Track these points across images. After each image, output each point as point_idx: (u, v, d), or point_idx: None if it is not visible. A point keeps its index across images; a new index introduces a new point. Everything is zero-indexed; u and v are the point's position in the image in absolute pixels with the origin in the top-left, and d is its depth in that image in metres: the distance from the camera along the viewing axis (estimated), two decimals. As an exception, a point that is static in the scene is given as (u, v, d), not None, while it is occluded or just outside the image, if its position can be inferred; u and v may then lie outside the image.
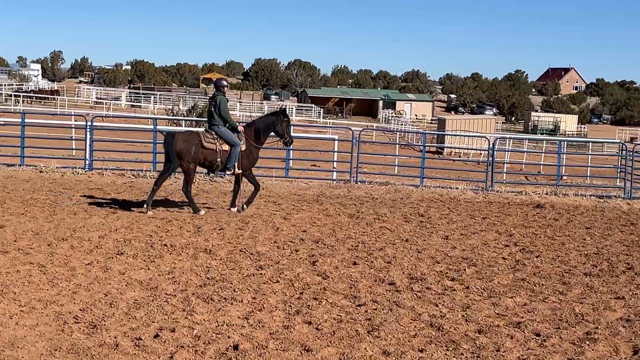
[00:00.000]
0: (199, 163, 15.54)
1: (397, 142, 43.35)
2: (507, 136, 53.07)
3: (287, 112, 16.43)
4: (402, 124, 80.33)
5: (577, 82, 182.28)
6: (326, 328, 7.94)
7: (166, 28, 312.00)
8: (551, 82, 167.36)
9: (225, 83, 16.27)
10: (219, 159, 15.44)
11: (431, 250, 12.76)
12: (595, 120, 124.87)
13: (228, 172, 15.87)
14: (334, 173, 24.62)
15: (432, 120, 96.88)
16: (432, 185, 23.27)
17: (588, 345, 7.73)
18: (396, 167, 28.79)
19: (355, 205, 18.15)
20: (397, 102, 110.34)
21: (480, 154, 41.05)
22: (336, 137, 28.12)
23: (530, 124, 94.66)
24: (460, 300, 9.40)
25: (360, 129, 31.13)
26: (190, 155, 15.23)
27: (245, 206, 15.98)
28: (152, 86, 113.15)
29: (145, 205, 15.28)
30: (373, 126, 67.85)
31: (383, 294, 9.55)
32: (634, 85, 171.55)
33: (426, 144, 31.24)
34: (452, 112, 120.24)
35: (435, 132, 54.53)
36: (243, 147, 15.68)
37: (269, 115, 16.41)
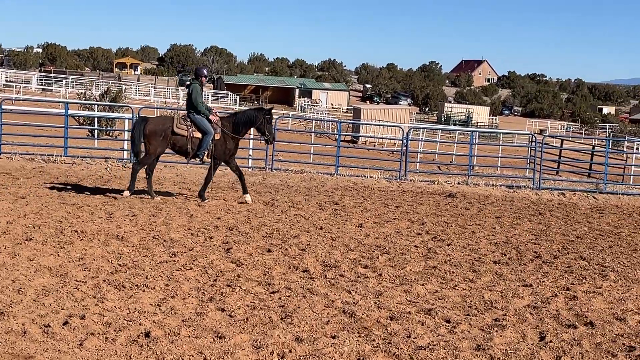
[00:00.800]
0: (171, 147, 15.72)
1: (313, 130, 43.41)
2: (421, 126, 53.75)
3: (271, 110, 16.28)
4: (318, 113, 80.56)
5: (489, 74, 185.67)
6: (239, 315, 7.92)
7: (79, 11, 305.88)
8: (464, 74, 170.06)
9: (204, 72, 16.32)
10: (189, 146, 15.56)
11: (345, 238, 12.85)
12: (507, 112, 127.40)
13: (198, 159, 15.93)
14: (250, 160, 24.54)
15: (347, 109, 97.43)
16: (346, 174, 23.41)
17: (496, 331, 7.90)
18: (311, 155, 28.88)
19: (270, 193, 18.14)
20: (314, 91, 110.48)
21: (395, 143, 41.48)
22: (252, 124, 27.99)
23: (443, 114, 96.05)
24: (373, 288, 9.49)
25: (277, 117, 31.06)
26: (157, 139, 15.39)
27: (200, 198, 16.02)
28: (64, 70, 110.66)
29: (150, 196, 15.67)
30: (289, 114, 67.87)
31: (297, 281, 9.57)
32: (544, 79, 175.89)
33: (341, 133, 31.39)
34: (368, 101, 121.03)
35: (351, 122, 54.85)
36: (217, 137, 15.69)
37: (251, 110, 16.38)
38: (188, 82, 15.99)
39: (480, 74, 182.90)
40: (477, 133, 52.30)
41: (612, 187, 24.28)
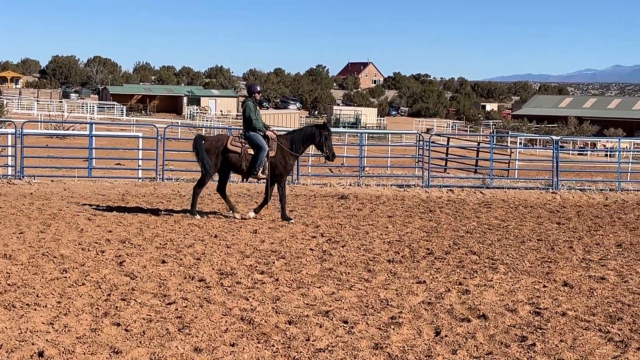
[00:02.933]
0: (226, 166, 15.61)
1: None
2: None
3: (329, 126, 16.01)
4: (207, 120, 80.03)
5: (375, 76, 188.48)
6: (136, 329, 7.79)
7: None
8: (351, 77, 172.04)
9: (257, 89, 16.17)
10: (243, 163, 15.43)
11: (240, 244, 12.81)
12: (394, 112, 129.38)
13: (252, 176, 15.70)
14: (139, 171, 24.18)
15: (237, 115, 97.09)
16: (238, 180, 23.30)
17: (393, 329, 8.01)
18: (203, 163, 28.58)
19: (162, 203, 17.93)
20: (202, 98, 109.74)
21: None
22: (140, 134, 27.64)
23: (332, 117, 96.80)
24: (270, 293, 9.49)
25: (165, 125, 30.70)
26: (211, 157, 15.44)
27: (253, 213, 15.95)
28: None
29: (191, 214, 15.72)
30: (178, 123, 67.19)
31: (193, 291, 9.48)
32: (429, 79, 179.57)
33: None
34: (257, 107, 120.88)
35: (240, 128, 54.66)
36: (272, 154, 15.45)
37: (310, 127, 16.19)
38: (242, 101, 15.78)
39: (366, 75, 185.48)
40: (366, 134, 52.90)
41: (498, 182, 24.97)
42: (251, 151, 15.51)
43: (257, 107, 15.96)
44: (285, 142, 15.73)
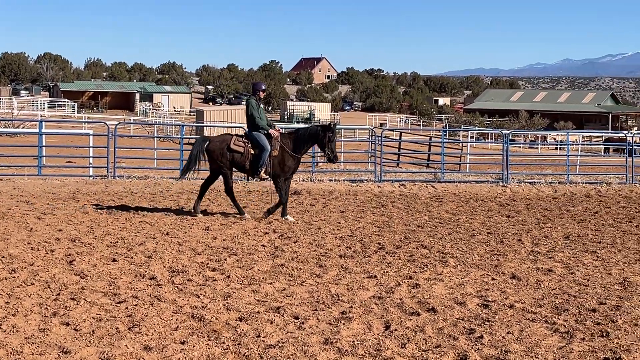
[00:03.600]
0: (233, 165, 15.58)
1: (156, 135, 42.83)
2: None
3: (334, 127, 15.74)
4: (160, 117, 79.49)
5: (329, 71, 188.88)
6: (85, 328, 7.75)
7: None
8: (305, 72, 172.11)
9: (262, 87, 15.96)
10: (246, 163, 15.34)
11: (192, 242, 12.78)
12: (347, 107, 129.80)
13: (256, 176, 15.58)
14: (91, 169, 23.97)
15: (190, 112, 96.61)
16: (192, 178, 23.18)
17: (343, 324, 8.07)
18: (155, 160, 28.51)
19: (113, 201, 17.81)
20: (155, 95, 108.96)
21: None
22: (91, 132, 27.45)
23: (286, 113, 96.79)
24: (222, 290, 9.49)
25: (116, 122, 30.48)
26: (217, 156, 15.50)
27: (265, 215, 15.68)
28: None
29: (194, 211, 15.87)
30: (130, 119, 66.63)
31: (144, 289, 9.45)
32: (382, 74, 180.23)
33: (184, 136, 31.15)
34: (210, 103, 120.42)
35: (194, 124, 54.45)
36: (274, 153, 15.24)
37: (313, 127, 15.97)
38: (246, 98, 15.50)
39: (320, 71, 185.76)
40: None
41: (450, 176, 25.20)
42: (255, 150, 15.35)
43: (261, 105, 15.77)
44: (288, 142, 15.50)
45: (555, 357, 7.10)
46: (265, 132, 15.44)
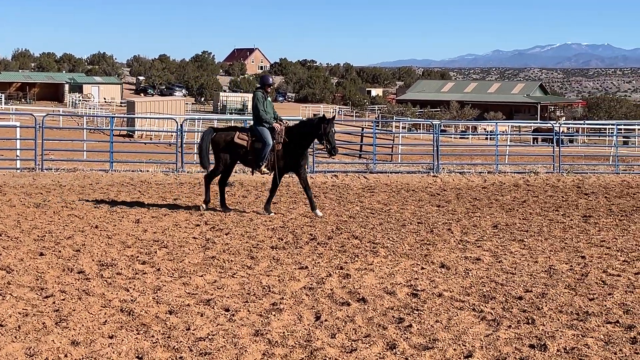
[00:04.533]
0: (236, 158, 15.52)
1: (85, 126, 42.20)
2: (196, 117, 53.58)
3: (332, 119, 15.32)
4: (90, 108, 78.30)
5: (262, 62, 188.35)
6: (11, 323, 7.61)
7: None
8: (237, 63, 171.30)
9: (269, 81, 15.69)
10: (250, 156, 15.16)
11: (122, 235, 12.65)
12: (281, 98, 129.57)
13: (257, 171, 15.36)
14: (18, 162, 23.52)
15: (121, 103, 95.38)
16: (122, 170, 22.99)
17: (274, 315, 8.08)
18: (85, 152, 28.10)
19: (41, 194, 17.51)
20: (84, 86, 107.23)
21: (171, 135, 41.10)
22: (18, 124, 26.93)
23: (219, 104, 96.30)
24: (151, 283, 9.42)
25: (44, 114, 29.95)
26: (219, 148, 15.36)
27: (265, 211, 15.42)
28: None
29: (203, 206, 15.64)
30: (59, 111, 65.50)
31: (72, 284, 9.32)
32: (315, 65, 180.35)
33: (115, 128, 30.75)
34: (142, 94, 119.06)
35: (125, 116, 53.78)
36: (278, 147, 14.98)
37: (312, 119, 15.63)
38: (253, 91, 15.13)
39: (253, 62, 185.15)
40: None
41: (382, 167, 25.38)
42: (258, 144, 15.13)
43: (268, 99, 15.42)
44: (293, 136, 15.23)
45: (482, 344, 7.22)
46: (269, 126, 15.18)
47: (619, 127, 38.89)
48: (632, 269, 10.50)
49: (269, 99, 15.54)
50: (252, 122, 15.64)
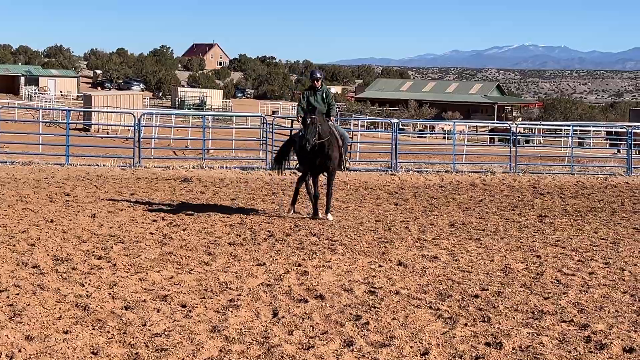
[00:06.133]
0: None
1: (41, 120, 41.66)
2: (154, 112, 53.20)
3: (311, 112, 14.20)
4: (46, 101, 77.37)
5: (221, 57, 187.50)
6: (-37, 318, 7.49)
7: None
8: (196, 58, 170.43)
9: (313, 75, 14.79)
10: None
11: (78, 229, 12.51)
12: (240, 94, 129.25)
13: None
14: (-28, 154, 23.17)
15: (78, 96, 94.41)
16: (78, 164, 22.76)
17: (231, 311, 8.05)
18: (40, 145, 27.75)
19: (-5, 187, 17.25)
20: (41, 78, 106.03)
21: (128, 130, 40.80)
22: (-28, 115, 26.51)
23: (177, 99, 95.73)
24: (107, 278, 9.33)
25: (0, 106, 29.54)
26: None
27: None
28: None
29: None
30: (15, 103, 64.60)
31: (26, 278, 9.20)
32: (274, 61, 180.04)
33: (71, 122, 30.43)
34: (99, 88, 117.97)
35: (81, 109, 53.23)
36: None
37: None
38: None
39: (212, 57, 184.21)
40: (211, 117, 52.51)
41: (340, 164, 25.33)
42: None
43: (317, 93, 14.56)
44: None
45: (438, 342, 7.26)
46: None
47: (574, 128, 39.39)
48: (586, 269, 10.63)
49: (318, 93, 14.63)
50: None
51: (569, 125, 41.09)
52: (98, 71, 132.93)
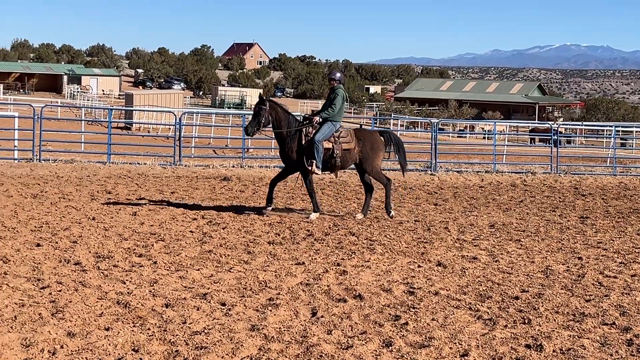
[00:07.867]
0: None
1: (84, 118, 42.13)
2: (195, 110, 53.53)
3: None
4: (88, 100, 78.23)
5: (261, 57, 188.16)
6: (7, 314, 7.60)
7: None
8: (236, 57, 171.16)
9: (337, 76, 14.84)
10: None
11: (119, 227, 12.63)
12: (279, 93, 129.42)
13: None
14: (16, 152, 23.50)
15: (120, 95, 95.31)
16: (120, 162, 22.98)
17: (270, 310, 8.07)
18: (82, 144, 28.07)
19: (39, 184, 17.49)
20: (83, 77, 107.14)
21: (169, 128, 41.09)
22: (16, 114, 26.89)
23: (217, 98, 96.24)
24: (148, 276, 9.41)
25: (43, 105, 29.91)
26: None
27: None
28: None
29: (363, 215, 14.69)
30: (58, 102, 65.42)
31: (68, 275, 9.31)
32: (314, 60, 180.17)
33: (113, 120, 30.73)
34: (140, 87, 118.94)
35: (123, 108, 53.72)
36: (327, 145, 14.48)
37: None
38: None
39: (252, 56, 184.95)
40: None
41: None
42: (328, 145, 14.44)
43: (336, 93, 14.46)
44: None
45: (478, 343, 7.22)
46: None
47: (616, 129, 38.94)
48: (628, 271, 10.50)
49: (337, 93, 14.54)
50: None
51: (611, 126, 40.59)
52: (139, 70, 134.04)
